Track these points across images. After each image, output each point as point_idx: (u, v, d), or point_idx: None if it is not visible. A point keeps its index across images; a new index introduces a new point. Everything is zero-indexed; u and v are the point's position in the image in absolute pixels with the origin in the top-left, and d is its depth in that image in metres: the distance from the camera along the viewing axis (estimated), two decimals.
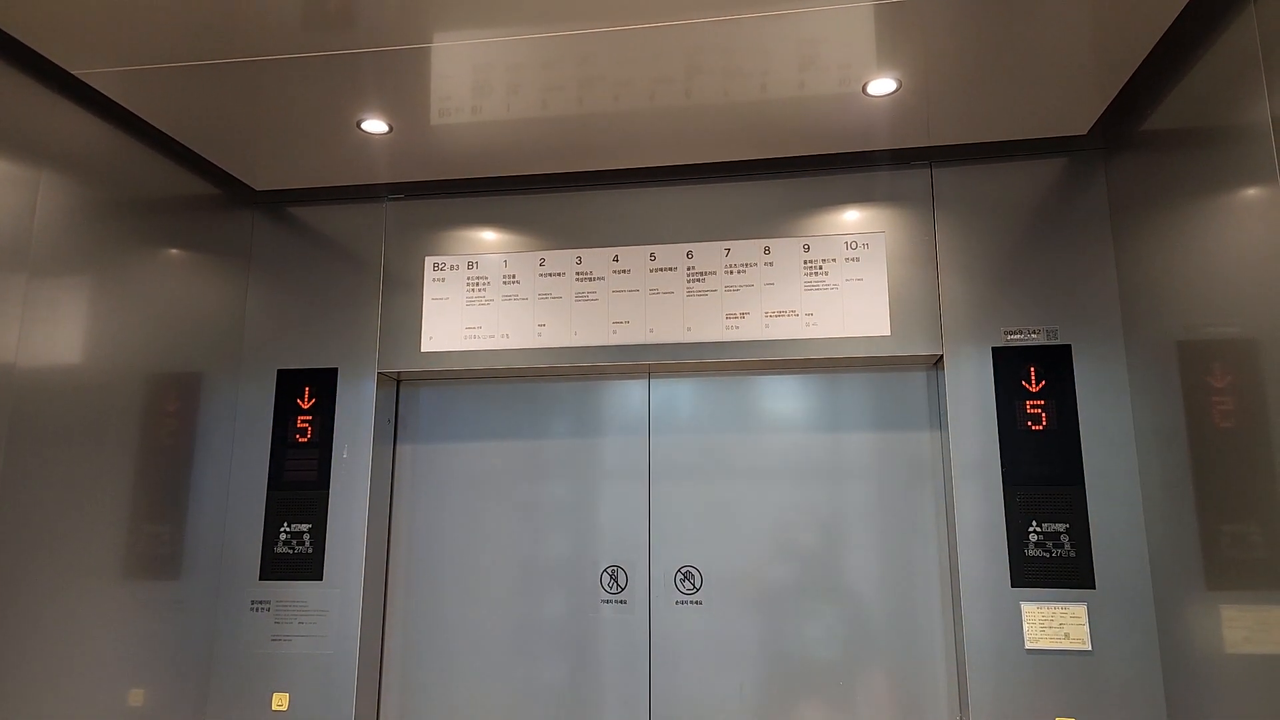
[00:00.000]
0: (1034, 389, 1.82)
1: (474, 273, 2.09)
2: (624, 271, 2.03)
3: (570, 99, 1.69)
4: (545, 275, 2.06)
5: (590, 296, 2.03)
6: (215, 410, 2.03)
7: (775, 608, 1.98)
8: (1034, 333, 1.85)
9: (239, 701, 1.96)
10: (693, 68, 1.58)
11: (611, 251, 2.05)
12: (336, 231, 2.16)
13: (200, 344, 1.99)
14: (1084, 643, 1.71)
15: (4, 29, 1.45)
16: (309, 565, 1.99)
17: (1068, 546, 1.75)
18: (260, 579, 2.01)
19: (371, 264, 2.13)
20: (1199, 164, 1.46)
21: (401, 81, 1.63)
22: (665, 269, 2.01)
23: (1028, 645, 1.73)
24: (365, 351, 2.08)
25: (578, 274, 2.05)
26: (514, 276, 2.07)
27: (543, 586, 2.07)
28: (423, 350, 2.07)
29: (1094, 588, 1.73)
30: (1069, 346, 1.83)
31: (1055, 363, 1.82)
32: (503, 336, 2.05)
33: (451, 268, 2.10)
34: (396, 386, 2.21)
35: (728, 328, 1.96)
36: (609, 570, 2.06)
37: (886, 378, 2.04)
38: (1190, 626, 1.56)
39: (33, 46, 1.51)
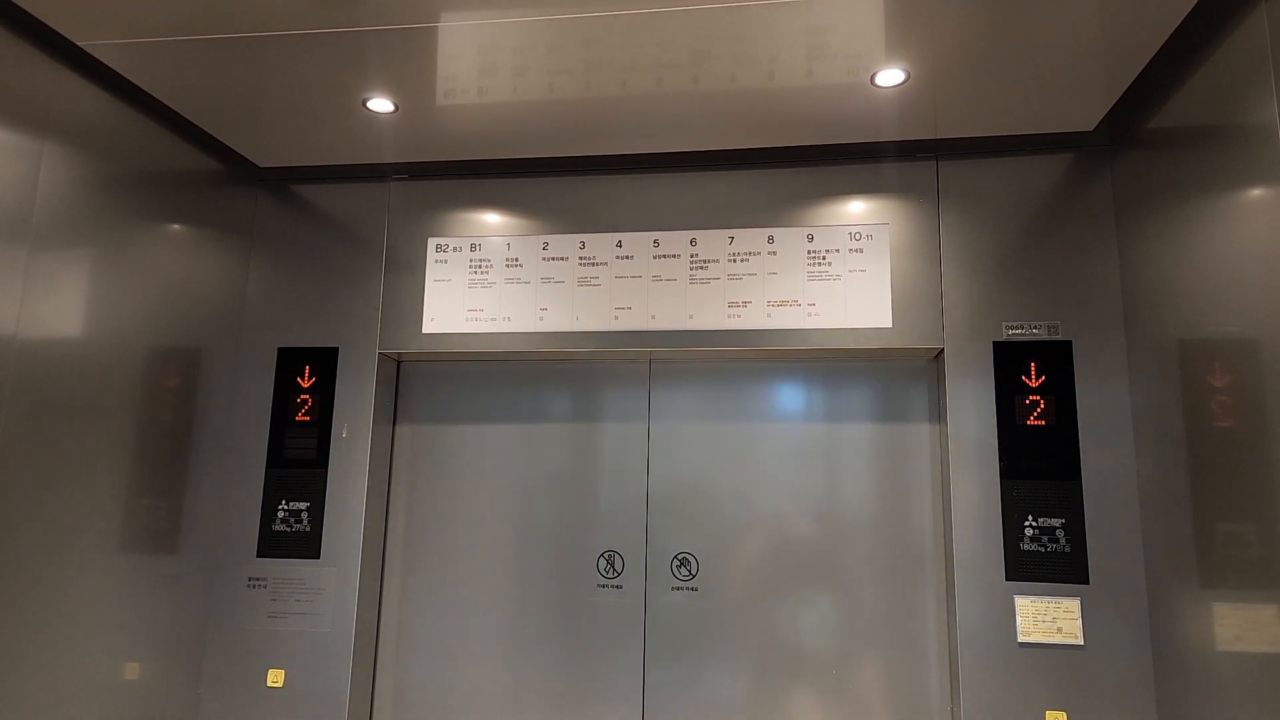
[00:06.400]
0: (1034, 384, 1.82)
1: (477, 255, 2.09)
2: (627, 257, 2.03)
3: (577, 83, 1.68)
4: (548, 259, 2.06)
5: (593, 281, 2.03)
6: (215, 387, 2.03)
7: (771, 596, 1.99)
8: (1035, 328, 1.85)
9: (234, 677, 1.97)
10: (700, 54, 1.57)
11: (615, 237, 2.04)
12: (340, 210, 2.15)
13: (201, 320, 1.99)
14: (1076, 637, 1.73)
15: None
16: (306, 543, 2.00)
17: (1063, 541, 1.76)
18: (257, 556, 2.01)
19: (374, 244, 2.12)
20: (1205, 163, 1.46)
21: (408, 61, 1.62)
22: (668, 256, 2.01)
23: (1020, 638, 1.74)
24: (366, 331, 2.08)
25: (581, 259, 2.04)
26: (516, 260, 2.07)
27: (539, 570, 2.08)
28: (424, 331, 2.07)
29: (1087, 583, 1.74)
30: (1070, 342, 1.83)
31: (1056, 358, 1.82)
32: (504, 320, 2.05)
33: (454, 249, 2.10)
34: (397, 367, 2.21)
35: (730, 316, 1.96)
36: (606, 555, 2.06)
37: (887, 369, 2.04)
38: (1183, 623, 1.57)
39: (39, 17, 1.50)
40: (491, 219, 2.11)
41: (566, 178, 2.09)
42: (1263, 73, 1.28)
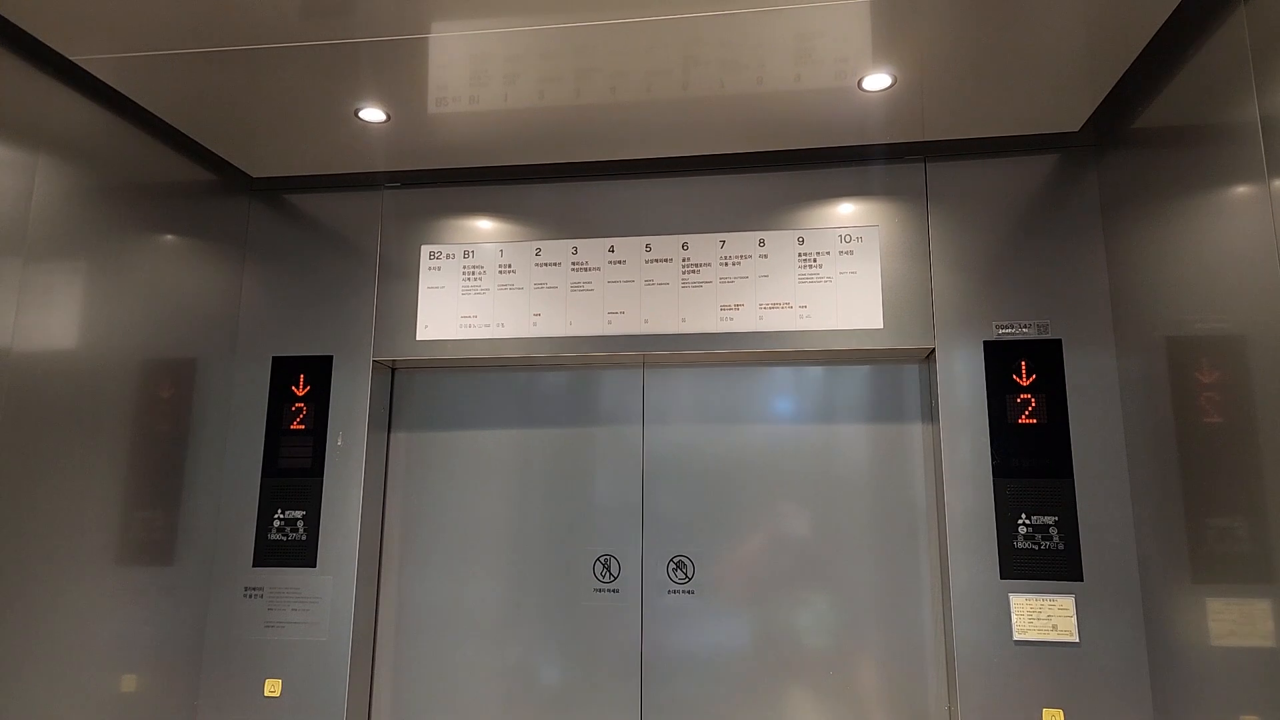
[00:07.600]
0: (1024, 382, 1.84)
1: (470, 261, 2.10)
2: (619, 262, 2.04)
3: (567, 90, 1.70)
4: (541, 265, 2.07)
5: (586, 287, 2.04)
6: (210, 396, 2.03)
7: (767, 598, 2.00)
8: (1025, 327, 1.86)
9: (232, 688, 1.96)
10: (689, 60, 1.58)
11: (607, 242, 2.06)
12: (333, 219, 2.16)
13: (195, 330, 1.99)
14: (1071, 634, 1.73)
15: (3, 14, 1.46)
16: (303, 552, 2.00)
17: (1056, 539, 1.77)
18: (254, 565, 2.01)
19: (368, 252, 2.13)
20: (1189, 162, 1.48)
21: (399, 71, 1.63)
22: (661, 260, 2.02)
23: (1016, 636, 1.75)
24: (361, 339, 2.09)
25: (573, 264, 2.06)
26: (510, 266, 2.08)
27: (535, 575, 2.08)
28: (418, 338, 2.08)
29: (1082, 580, 1.75)
30: (1059, 341, 1.84)
31: (1046, 357, 1.84)
32: (498, 325, 2.06)
33: (447, 256, 2.11)
34: (391, 374, 2.22)
35: (722, 319, 1.98)
36: (602, 559, 2.07)
37: (879, 370, 2.05)
38: (1176, 619, 1.57)
39: (31, 32, 1.51)
40: (484, 226, 2.12)
41: (558, 184, 2.10)
42: (1244, 72, 1.29)
